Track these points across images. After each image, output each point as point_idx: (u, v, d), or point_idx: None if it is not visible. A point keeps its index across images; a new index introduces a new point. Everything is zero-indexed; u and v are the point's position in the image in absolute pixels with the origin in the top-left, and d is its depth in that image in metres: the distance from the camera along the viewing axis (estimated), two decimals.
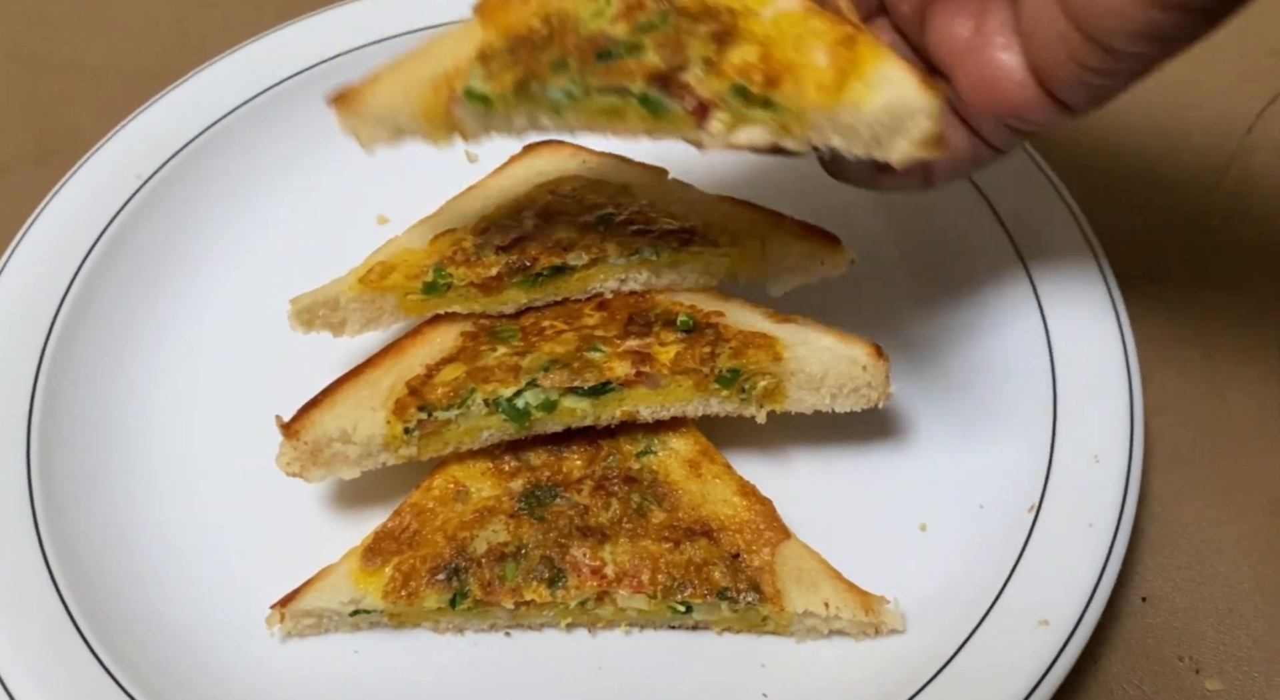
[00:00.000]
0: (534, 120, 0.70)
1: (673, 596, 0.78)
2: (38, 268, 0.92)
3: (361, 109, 0.71)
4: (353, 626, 0.80)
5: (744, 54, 0.65)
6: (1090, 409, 0.84)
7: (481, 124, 0.70)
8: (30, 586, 0.76)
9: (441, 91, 0.69)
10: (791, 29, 0.66)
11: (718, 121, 0.66)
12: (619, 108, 0.67)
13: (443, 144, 0.70)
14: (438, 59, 0.70)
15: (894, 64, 0.62)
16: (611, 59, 0.67)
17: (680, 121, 0.66)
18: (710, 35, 0.66)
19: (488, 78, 0.68)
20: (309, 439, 0.80)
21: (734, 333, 0.84)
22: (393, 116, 0.70)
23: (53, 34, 1.24)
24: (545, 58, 0.68)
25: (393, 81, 0.71)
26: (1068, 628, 0.74)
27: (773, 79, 0.64)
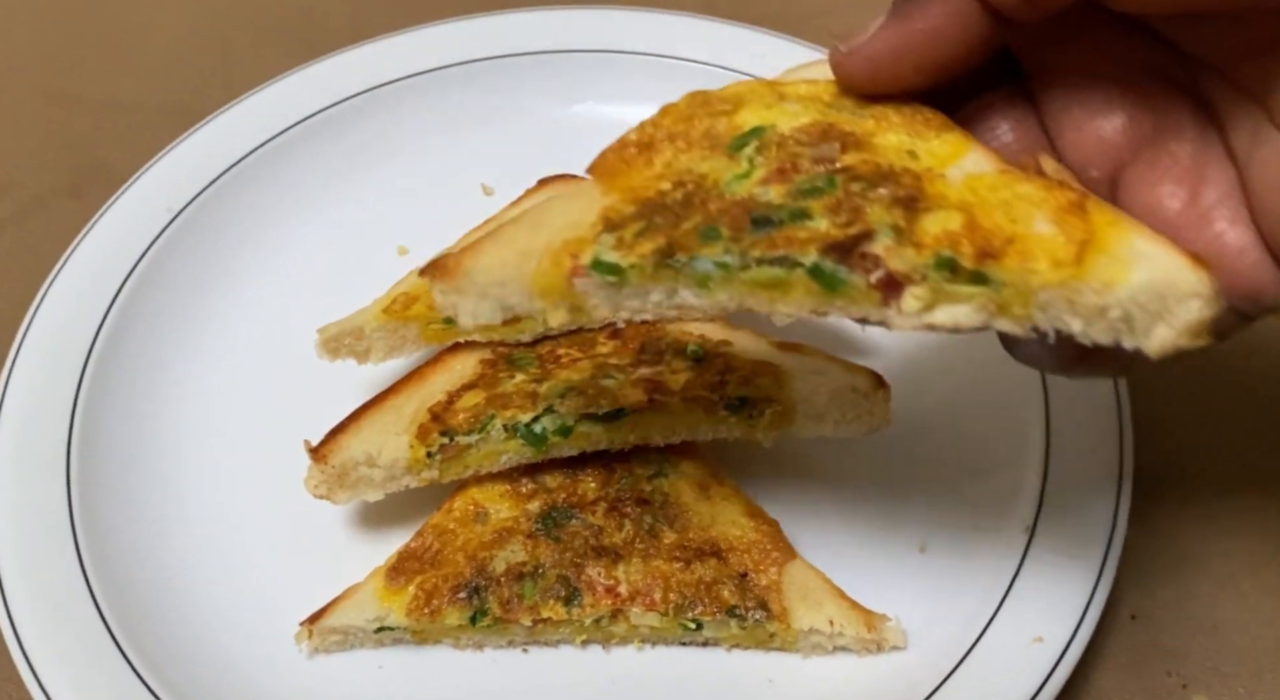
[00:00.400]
0: (673, 295, 0.59)
1: (684, 614, 0.81)
2: (76, 297, 0.96)
3: (463, 283, 0.59)
4: (377, 643, 0.83)
5: (944, 221, 0.56)
6: (1082, 433, 0.88)
7: (609, 300, 0.59)
8: (72, 603, 0.80)
9: (562, 263, 0.58)
10: (994, 194, 0.57)
11: (913, 298, 0.56)
12: (783, 282, 0.57)
13: (556, 322, 0.60)
14: (552, 226, 0.60)
15: (1146, 235, 0.54)
16: (773, 227, 0.57)
17: (861, 297, 0.56)
18: (894, 200, 0.57)
19: (620, 246, 0.58)
20: (336, 463, 0.84)
21: (742, 362, 0.88)
22: (501, 291, 0.59)
23: (86, 72, 1.29)
24: (688, 224, 0.58)
25: (500, 251, 0.59)
26: (1061, 644, 0.77)
27: (990, 251, 0.54)
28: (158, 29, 1.35)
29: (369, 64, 1.16)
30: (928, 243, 0.55)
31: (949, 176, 0.59)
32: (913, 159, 0.60)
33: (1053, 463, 0.87)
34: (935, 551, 0.87)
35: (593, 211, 0.60)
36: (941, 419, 0.93)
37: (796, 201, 0.58)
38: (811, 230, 0.57)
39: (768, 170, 0.60)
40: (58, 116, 1.25)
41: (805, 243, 0.57)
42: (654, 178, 0.62)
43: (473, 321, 0.60)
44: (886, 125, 0.62)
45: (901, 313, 0.56)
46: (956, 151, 0.61)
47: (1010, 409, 0.92)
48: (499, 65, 1.16)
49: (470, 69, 1.16)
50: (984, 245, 0.55)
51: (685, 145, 0.63)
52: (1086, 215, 0.55)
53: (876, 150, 0.61)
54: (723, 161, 0.62)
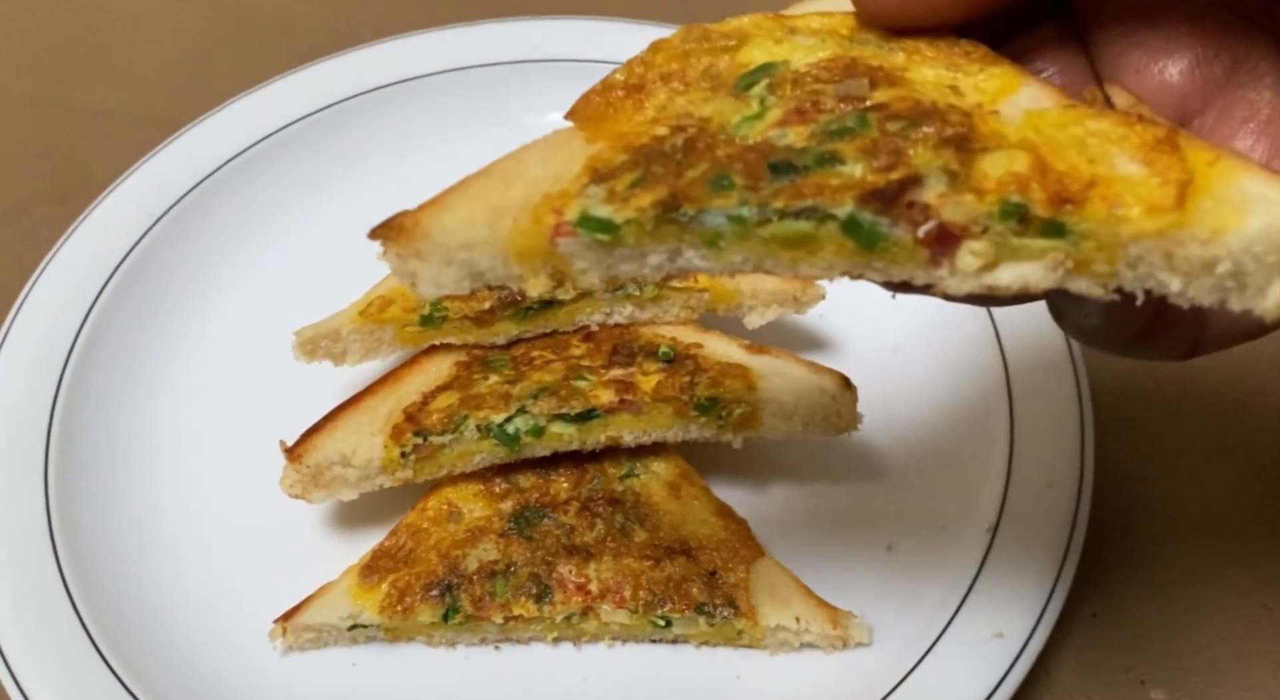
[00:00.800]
0: (676, 256, 0.50)
1: (653, 611, 0.83)
2: (56, 299, 0.97)
3: (424, 245, 0.49)
4: (350, 640, 0.84)
5: (1007, 162, 0.47)
6: (1045, 437, 0.90)
7: (599, 262, 0.50)
8: (49, 602, 0.81)
9: (544, 220, 0.48)
10: (1062, 132, 0.48)
11: (970, 254, 0.47)
12: (810, 238, 0.48)
13: (536, 291, 0.50)
14: (529, 178, 0.50)
15: (1257, 175, 0.45)
16: (796, 174, 0.48)
17: (905, 255, 0.47)
18: (943, 141, 0.48)
19: (611, 199, 0.49)
20: (311, 463, 0.85)
21: (712, 363, 0.90)
22: (469, 254, 0.49)
23: (71, 81, 1.30)
24: (694, 173, 0.49)
25: (467, 207, 0.49)
26: (1021, 639, 0.79)
27: (1067, 195, 0.46)
28: (142, 38, 1.36)
29: (348, 72, 1.18)
30: (989, 187, 0.46)
31: (1004, 113, 0.50)
32: (957, 95, 0.51)
33: (1015, 464, 0.89)
34: (901, 550, 0.89)
35: (577, 161, 0.51)
36: (909, 421, 0.95)
37: (823, 144, 0.49)
38: (844, 176, 0.48)
39: (784, 110, 0.51)
40: (42, 124, 1.26)
41: (838, 191, 0.47)
42: (647, 122, 0.52)
43: (435, 291, 0.50)
44: (920, 59, 0.54)
45: (956, 272, 0.47)
46: (1008, 86, 0.52)
47: (975, 412, 0.94)
48: (477, 74, 1.18)
49: (448, 78, 1.17)
50: (1059, 189, 0.46)
51: (682, 86, 0.54)
52: (1180, 152, 0.46)
53: (913, 86, 0.52)
54: (728, 103, 0.52)
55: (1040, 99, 0.51)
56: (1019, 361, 0.94)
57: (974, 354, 0.97)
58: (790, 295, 0.96)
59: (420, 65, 1.18)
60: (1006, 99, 0.51)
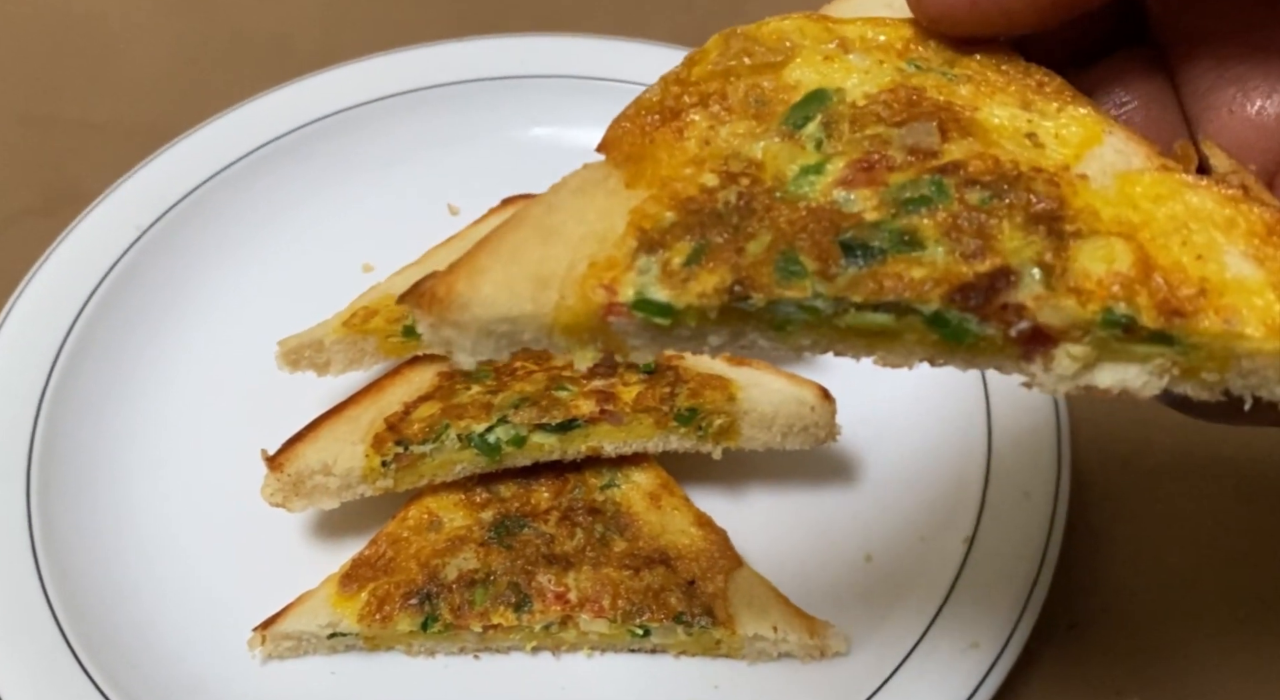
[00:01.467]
0: (738, 338, 0.47)
1: (632, 620, 0.83)
2: (42, 310, 0.98)
3: (461, 316, 0.45)
4: (330, 649, 0.85)
5: (1107, 257, 0.44)
6: (1022, 449, 0.91)
7: (654, 341, 0.46)
8: (29, 610, 0.81)
9: (593, 296, 0.45)
10: (1160, 208, 0.45)
11: (1068, 358, 0.44)
12: (890, 330, 0.45)
13: (584, 364, 0.47)
14: (567, 234, 0.46)
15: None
16: (873, 257, 0.44)
17: (993, 351, 0.45)
18: (1032, 218, 0.44)
19: (668, 278, 0.45)
20: (292, 471, 0.86)
21: (692, 374, 0.91)
22: (511, 326, 0.45)
23: (61, 95, 1.31)
24: (756, 247, 0.45)
25: (505, 271, 0.45)
26: (995, 650, 0.79)
27: (1176, 306, 0.43)
28: (132, 53, 1.37)
29: (337, 87, 1.19)
30: (1090, 289, 0.43)
31: (1093, 178, 0.46)
32: (1036, 147, 0.47)
33: (993, 476, 0.90)
34: (880, 561, 0.90)
35: (618, 215, 0.47)
36: (887, 433, 0.96)
37: (898, 219, 0.45)
38: (928, 265, 0.44)
39: (847, 162, 0.47)
40: (31, 137, 1.27)
41: (923, 285, 0.43)
42: (690, 163, 0.48)
43: (473, 359, 0.47)
44: (988, 90, 0.50)
45: (1050, 372, 0.45)
46: (1091, 135, 0.48)
47: (954, 424, 0.94)
48: (465, 89, 1.19)
49: (436, 93, 1.19)
50: (1167, 297, 0.43)
51: (723, 111, 0.50)
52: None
53: (988, 135, 0.48)
54: (780, 144, 0.48)
55: (1129, 155, 0.47)
56: (997, 376, 0.95)
57: (953, 370, 0.98)
58: None
59: (407, 80, 1.19)
60: (1090, 152, 0.48)
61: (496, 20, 1.37)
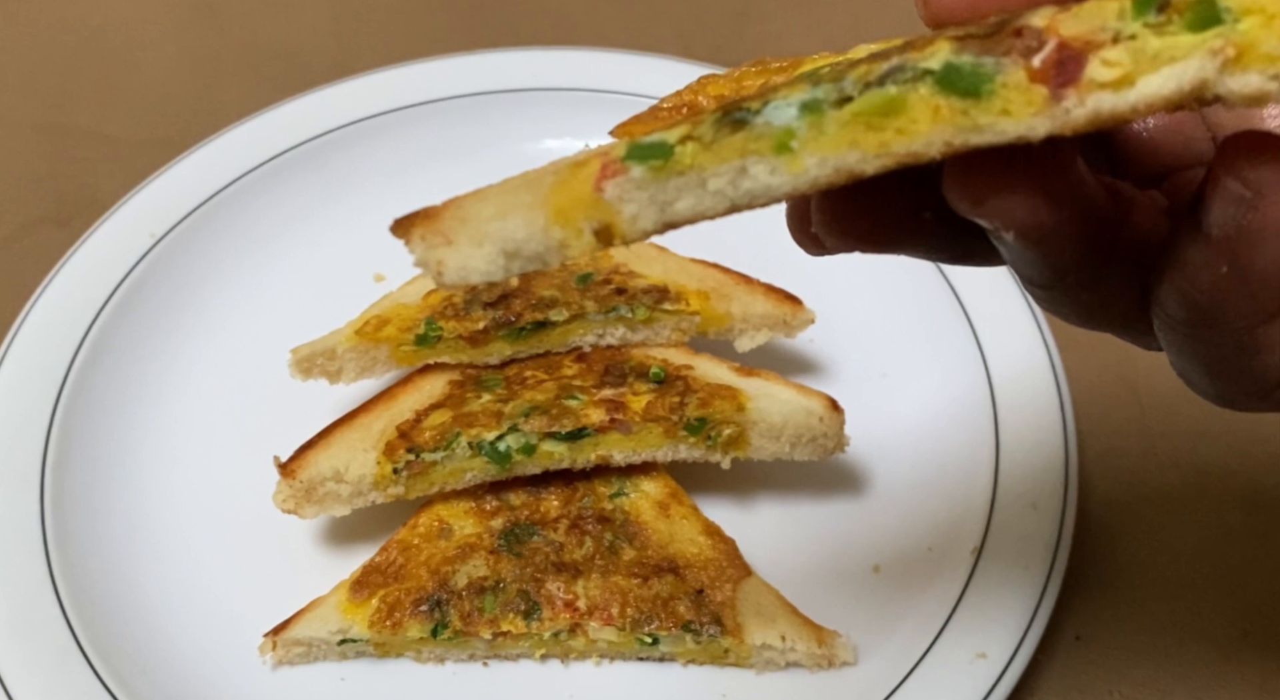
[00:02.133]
0: (742, 176, 0.42)
1: (640, 629, 0.83)
2: (57, 317, 0.99)
3: (454, 225, 0.44)
4: (340, 655, 0.85)
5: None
6: (1029, 461, 0.91)
7: (654, 201, 0.43)
8: (41, 615, 0.82)
9: (587, 169, 0.43)
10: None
11: (1105, 66, 0.38)
12: (899, 105, 0.40)
13: (581, 252, 0.44)
14: (565, 164, 0.45)
15: None
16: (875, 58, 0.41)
17: (1019, 101, 0.39)
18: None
19: (664, 129, 0.43)
20: (304, 478, 0.86)
21: (702, 384, 0.91)
22: (503, 224, 0.43)
23: (76, 106, 1.33)
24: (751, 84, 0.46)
25: (495, 192, 0.45)
26: (1004, 660, 0.80)
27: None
28: (146, 64, 1.39)
29: (350, 99, 1.20)
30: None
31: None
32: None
33: (1000, 486, 0.90)
34: (888, 571, 0.90)
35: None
36: (896, 444, 0.96)
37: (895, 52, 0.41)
38: (934, 43, 0.40)
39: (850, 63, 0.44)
40: (46, 147, 1.28)
41: (928, 43, 0.40)
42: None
43: (461, 277, 0.44)
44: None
45: (1086, 99, 0.38)
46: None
47: (962, 435, 0.95)
48: (477, 102, 1.20)
49: (449, 105, 1.20)
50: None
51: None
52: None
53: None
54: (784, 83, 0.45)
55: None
56: (1004, 385, 0.96)
57: (960, 378, 0.98)
58: (780, 319, 0.97)
59: (419, 92, 1.20)
60: None
61: (509, 33, 1.38)
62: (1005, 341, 0.98)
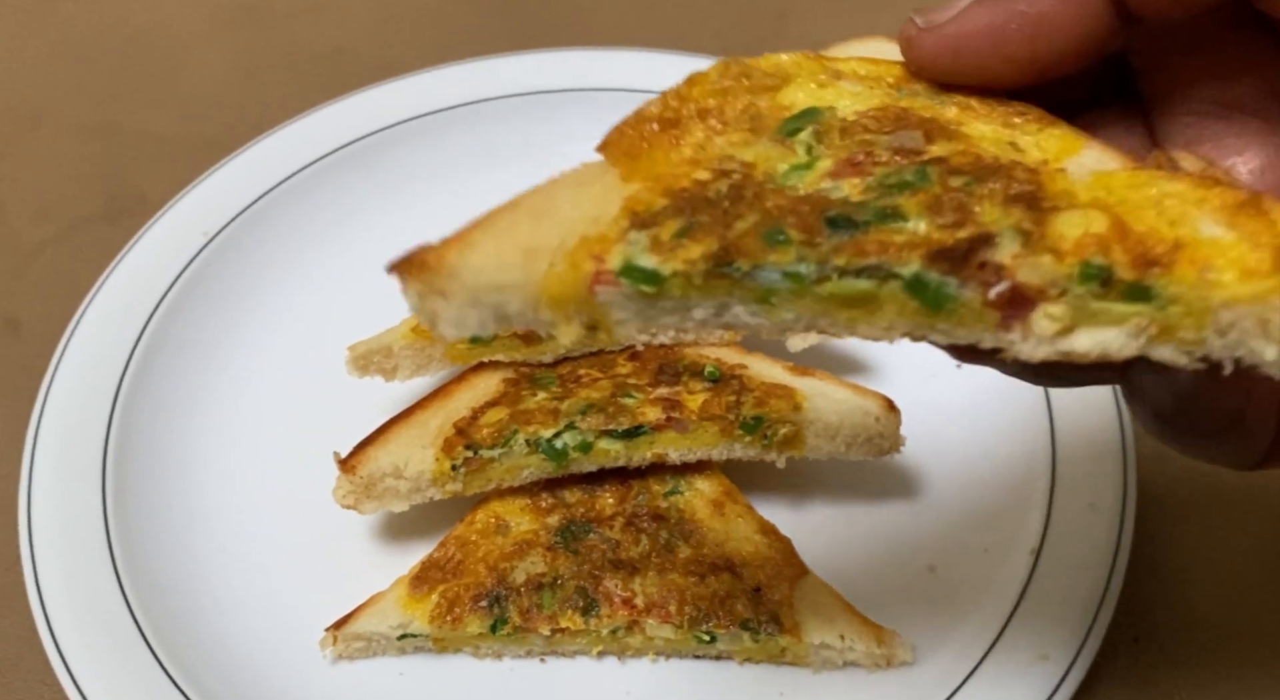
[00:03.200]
0: (724, 311, 0.47)
1: (698, 627, 0.83)
2: (114, 314, 0.99)
3: (449, 284, 0.46)
4: (399, 650, 0.85)
5: (1084, 223, 0.45)
6: (1086, 460, 0.91)
7: (640, 315, 0.47)
8: (108, 609, 0.82)
9: (582, 266, 0.46)
10: (1136, 193, 0.46)
11: (1046, 319, 0.44)
12: (871, 298, 0.45)
13: (568, 339, 0.48)
14: (563, 218, 0.47)
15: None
16: (856, 229, 0.45)
17: (972, 318, 0.45)
18: (1011, 198, 0.46)
19: (656, 249, 0.46)
20: (364, 474, 0.87)
21: (757, 383, 0.92)
22: (499, 297, 0.46)
23: (124, 106, 1.34)
24: (744, 224, 0.46)
25: (495, 246, 0.46)
26: (1066, 662, 0.79)
27: (1152, 257, 0.43)
28: (193, 65, 1.40)
29: (396, 99, 1.21)
30: (1066, 248, 0.44)
31: (1071, 173, 0.47)
32: (1018, 151, 0.49)
33: (1058, 487, 0.90)
34: (944, 571, 0.90)
35: (613, 202, 0.48)
36: (948, 444, 0.96)
37: (881, 199, 0.46)
38: (908, 233, 0.45)
39: (835, 161, 0.49)
40: (96, 147, 1.29)
41: (903, 248, 0.45)
42: (685, 163, 0.50)
43: (456, 332, 0.47)
44: (973, 115, 0.51)
45: (1029, 337, 0.45)
46: (1069, 147, 0.50)
47: (1016, 434, 0.95)
48: (521, 102, 1.21)
49: (494, 105, 1.20)
50: (1143, 251, 0.43)
51: (720, 125, 0.51)
52: (1268, 216, 0.44)
53: (970, 140, 0.49)
54: (773, 148, 0.50)
55: (1105, 160, 0.49)
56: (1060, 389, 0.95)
57: (1011, 380, 0.98)
58: None
59: (467, 92, 1.21)
60: (1071, 158, 0.49)
61: (550, 34, 1.39)
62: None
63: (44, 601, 0.82)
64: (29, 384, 0.97)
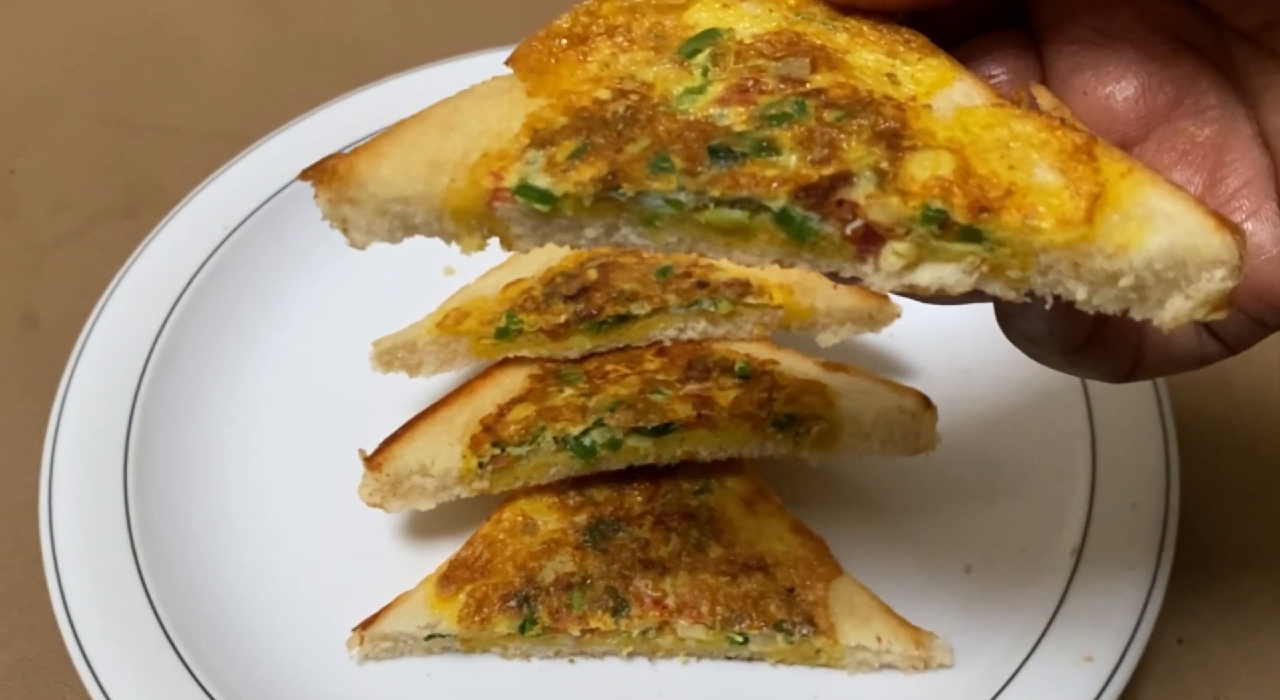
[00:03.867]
0: (613, 231, 0.51)
1: (730, 627, 0.82)
2: (134, 308, 0.98)
3: (358, 193, 0.49)
4: (426, 651, 0.84)
5: (933, 165, 0.49)
6: (1128, 459, 0.89)
7: (535, 230, 0.50)
8: (131, 609, 0.81)
9: (481, 181, 0.49)
10: (988, 132, 0.50)
11: (893, 255, 0.49)
12: (744, 227, 0.50)
13: (469, 248, 0.51)
14: (468, 131, 0.50)
15: (1164, 190, 0.47)
16: (734, 160, 0.49)
17: (833, 250, 0.50)
18: (876, 135, 0.49)
19: (551, 169, 0.49)
20: (390, 471, 0.85)
21: (789, 380, 0.90)
22: (404, 208, 0.49)
23: (142, 99, 1.33)
24: (634, 149, 0.50)
25: (404, 157, 0.49)
26: (1112, 663, 0.77)
27: (985, 203, 0.47)
28: (210, 58, 1.38)
29: (413, 91, 1.18)
30: (914, 190, 0.48)
31: (936, 108, 0.51)
32: (893, 84, 0.53)
33: (1099, 486, 0.88)
34: (981, 572, 0.88)
35: (516, 118, 0.51)
36: (988, 441, 0.94)
37: (762, 130, 0.50)
38: (780, 167, 0.49)
39: (726, 86, 0.52)
40: (114, 140, 1.28)
41: (773, 183, 0.49)
42: (589, 80, 0.52)
43: (366, 238, 0.51)
44: (861, 42, 0.55)
45: (879, 270, 0.50)
46: (943, 78, 0.53)
47: (1054, 431, 0.93)
48: None
49: None
50: (979, 196, 0.48)
51: (626, 42, 0.54)
52: (1095, 162, 0.48)
53: (852, 71, 0.53)
54: (671, 69, 0.53)
55: (972, 95, 0.52)
56: (1099, 384, 0.93)
57: (1049, 374, 0.96)
58: (866, 314, 0.95)
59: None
60: (941, 92, 0.53)
61: None
62: None
63: (66, 601, 0.81)
64: (48, 381, 0.96)
